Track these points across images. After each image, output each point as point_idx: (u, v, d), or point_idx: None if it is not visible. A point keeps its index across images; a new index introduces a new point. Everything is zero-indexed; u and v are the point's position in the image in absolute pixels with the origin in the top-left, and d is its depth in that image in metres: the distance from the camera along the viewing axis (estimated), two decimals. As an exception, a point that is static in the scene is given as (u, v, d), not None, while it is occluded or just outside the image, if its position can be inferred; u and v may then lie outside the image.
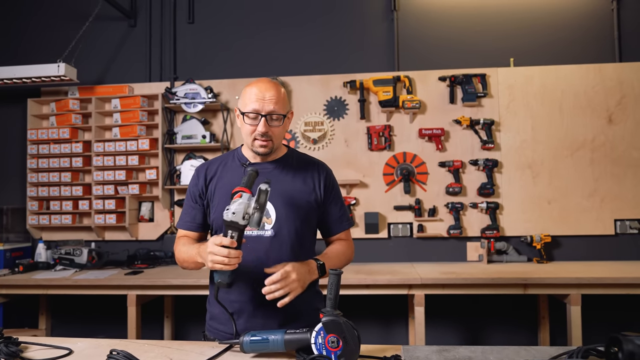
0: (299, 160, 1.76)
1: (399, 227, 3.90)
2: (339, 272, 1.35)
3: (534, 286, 3.15)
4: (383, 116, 3.96)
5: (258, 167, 1.67)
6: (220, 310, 1.65)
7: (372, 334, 3.92)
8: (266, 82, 1.63)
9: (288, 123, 1.70)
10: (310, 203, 1.69)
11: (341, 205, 1.79)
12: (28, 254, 4.16)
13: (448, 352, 1.37)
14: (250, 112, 1.59)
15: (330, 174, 1.78)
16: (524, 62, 3.91)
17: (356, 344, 1.30)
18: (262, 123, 1.58)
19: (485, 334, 3.90)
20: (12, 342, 1.48)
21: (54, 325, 4.23)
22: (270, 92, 1.59)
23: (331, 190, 1.75)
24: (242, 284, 1.61)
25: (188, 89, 3.96)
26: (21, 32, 4.42)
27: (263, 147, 1.63)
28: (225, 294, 1.64)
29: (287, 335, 1.37)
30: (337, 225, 1.78)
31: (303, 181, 1.70)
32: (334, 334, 1.30)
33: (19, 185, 4.25)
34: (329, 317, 1.31)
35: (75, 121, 4.09)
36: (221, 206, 1.63)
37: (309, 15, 4.15)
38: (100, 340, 1.65)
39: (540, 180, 3.82)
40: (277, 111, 1.59)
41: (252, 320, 1.62)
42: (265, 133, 1.60)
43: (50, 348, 1.55)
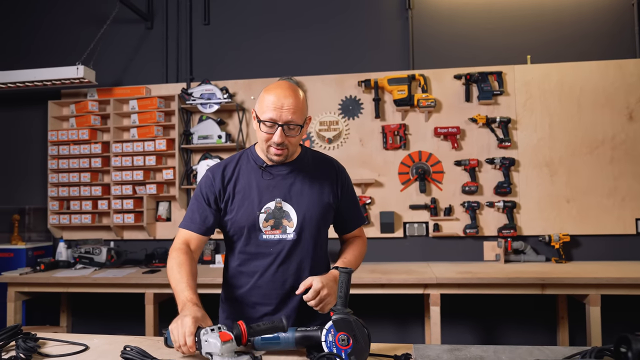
0: (314, 159, 1.74)
1: (415, 227, 3.88)
2: (349, 271, 1.35)
3: (552, 286, 3.10)
4: (398, 115, 3.95)
5: (274, 170, 1.66)
6: (239, 312, 1.67)
7: (388, 333, 3.91)
8: (285, 88, 1.55)
9: (306, 128, 1.62)
10: (329, 204, 1.68)
11: (355, 202, 1.79)
12: (49, 252, 4.25)
13: (460, 351, 1.36)
14: (267, 121, 1.52)
15: (344, 172, 1.77)
16: (541, 59, 3.85)
17: (366, 342, 1.30)
18: (279, 133, 1.52)
19: (502, 334, 3.85)
20: (30, 338, 1.52)
21: (75, 322, 4.31)
22: (288, 100, 1.52)
23: (346, 188, 1.75)
24: (265, 287, 1.63)
25: (204, 90, 4.00)
26: (41, 36, 4.52)
27: (278, 156, 1.58)
28: (248, 296, 1.65)
29: (298, 332, 1.38)
30: (353, 223, 1.79)
31: (320, 182, 1.69)
32: (344, 332, 1.30)
33: (41, 186, 4.35)
34: (339, 315, 1.32)
35: (94, 122, 4.16)
36: (241, 211, 1.62)
37: (324, 15, 4.15)
38: (116, 336, 1.68)
39: (559, 178, 3.76)
40: (294, 121, 1.53)
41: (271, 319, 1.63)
42: (282, 143, 1.54)
43: (67, 344, 1.59)
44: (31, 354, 1.46)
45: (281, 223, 1.62)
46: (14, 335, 1.54)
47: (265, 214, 1.62)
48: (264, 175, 1.65)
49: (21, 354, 1.44)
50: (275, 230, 1.62)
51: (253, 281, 1.65)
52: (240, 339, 1.31)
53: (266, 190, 1.63)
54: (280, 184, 1.64)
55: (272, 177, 1.65)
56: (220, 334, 1.24)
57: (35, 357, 1.46)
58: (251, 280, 1.65)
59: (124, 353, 1.38)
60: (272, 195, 1.63)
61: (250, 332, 1.33)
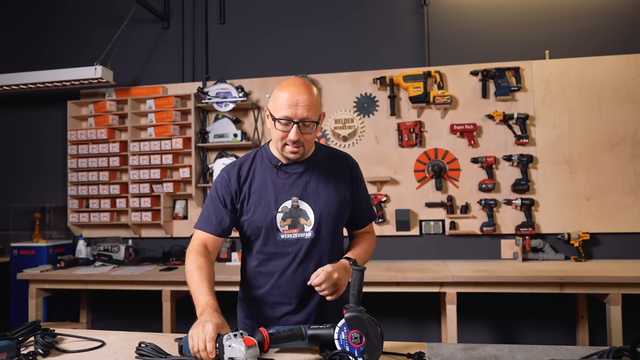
0: (328, 156, 1.73)
1: (431, 224, 3.85)
2: (362, 269, 1.35)
3: (571, 285, 3.05)
4: (414, 112, 3.92)
5: (289, 168, 1.65)
6: (258, 313, 1.68)
7: (404, 331, 3.90)
8: (299, 85, 1.52)
9: (320, 125, 1.61)
10: (345, 200, 1.68)
11: (367, 198, 1.80)
12: (69, 250, 4.33)
13: (474, 350, 1.35)
14: (282, 119, 1.50)
15: (358, 167, 1.77)
16: (560, 54, 3.79)
17: (379, 340, 1.29)
18: (294, 131, 1.50)
19: (521, 333, 3.81)
20: (48, 334, 1.55)
21: (95, 319, 4.39)
22: (303, 97, 1.50)
23: (359, 184, 1.74)
24: (285, 287, 1.63)
25: (219, 89, 4.03)
26: (60, 38, 4.60)
27: (294, 154, 1.56)
28: (268, 295, 1.65)
29: (310, 330, 1.38)
30: (365, 219, 1.79)
31: (336, 179, 1.67)
32: (356, 330, 1.30)
33: (61, 185, 4.43)
34: (352, 313, 1.31)
35: (112, 122, 4.22)
36: (257, 211, 1.60)
37: (339, 12, 4.14)
38: (132, 333, 1.71)
39: (578, 175, 3.70)
40: (309, 118, 1.51)
41: (293, 319, 1.63)
42: (298, 140, 1.52)
43: (84, 340, 1.61)
44: (49, 350, 1.49)
45: (298, 222, 1.61)
46: (33, 330, 1.57)
47: (283, 213, 1.60)
48: (280, 174, 1.64)
49: (39, 349, 1.47)
50: (293, 229, 1.61)
51: (273, 281, 1.64)
52: (262, 345, 1.32)
53: (282, 189, 1.62)
54: (296, 183, 1.63)
55: (288, 176, 1.64)
56: (244, 340, 1.24)
57: (53, 353, 1.49)
58: (271, 280, 1.64)
59: (138, 349, 1.40)
60: (288, 194, 1.62)
61: (272, 339, 1.34)
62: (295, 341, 1.37)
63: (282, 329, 1.37)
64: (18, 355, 1.40)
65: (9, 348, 1.37)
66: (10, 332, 1.53)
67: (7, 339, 1.43)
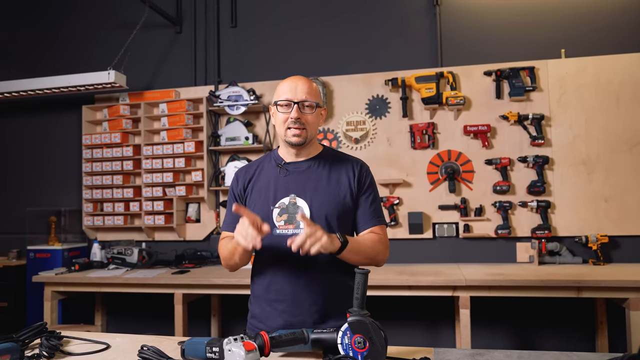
0: (335, 157, 1.74)
1: (444, 227, 3.79)
2: (365, 272, 1.32)
3: (589, 289, 2.97)
4: (426, 113, 3.87)
5: (293, 166, 1.68)
6: (259, 310, 1.67)
7: (417, 336, 3.84)
8: (298, 76, 1.67)
9: (322, 118, 1.70)
10: (345, 201, 1.65)
11: (373, 201, 1.71)
12: (84, 253, 4.37)
13: (482, 355, 1.31)
14: (283, 101, 1.62)
15: (365, 169, 1.73)
16: (576, 53, 3.71)
17: (383, 345, 1.26)
18: (295, 109, 1.60)
19: (537, 339, 3.72)
20: (54, 336, 1.55)
21: (109, 321, 4.42)
22: (301, 82, 1.64)
23: (364, 184, 1.70)
24: (280, 283, 1.62)
25: (231, 92, 4.04)
26: (74, 43, 4.67)
27: (297, 137, 1.62)
28: (264, 292, 1.66)
29: (313, 334, 1.36)
30: (366, 221, 1.69)
31: (338, 179, 1.67)
32: (360, 334, 1.27)
33: (76, 188, 4.48)
34: (356, 317, 1.29)
35: (126, 126, 4.26)
36: (257, 206, 1.65)
37: (350, 14, 4.12)
38: (137, 336, 1.70)
39: (596, 177, 3.60)
40: (309, 99, 1.62)
41: (290, 318, 1.61)
42: (298, 119, 1.60)
43: (90, 342, 1.61)
44: (54, 352, 1.49)
45: (294, 218, 1.61)
46: (39, 333, 1.57)
47: (279, 209, 1.63)
48: (281, 172, 1.69)
49: (44, 352, 1.47)
50: (289, 225, 1.61)
51: (270, 277, 1.65)
52: (263, 350, 1.29)
53: (282, 186, 1.66)
54: (296, 180, 1.66)
55: (289, 174, 1.68)
56: (244, 344, 1.22)
57: (58, 355, 1.49)
58: (268, 276, 1.66)
59: (141, 352, 1.39)
60: (287, 190, 1.65)
61: (273, 342, 1.32)
62: (297, 345, 1.35)
63: (284, 333, 1.35)
64: (22, 358, 1.40)
65: (12, 350, 1.37)
66: (16, 334, 1.54)
67: (11, 341, 1.43)
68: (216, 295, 4.08)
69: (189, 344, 1.36)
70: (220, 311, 4.18)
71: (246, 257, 1.63)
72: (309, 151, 1.70)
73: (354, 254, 1.55)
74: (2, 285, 4.17)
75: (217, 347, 1.28)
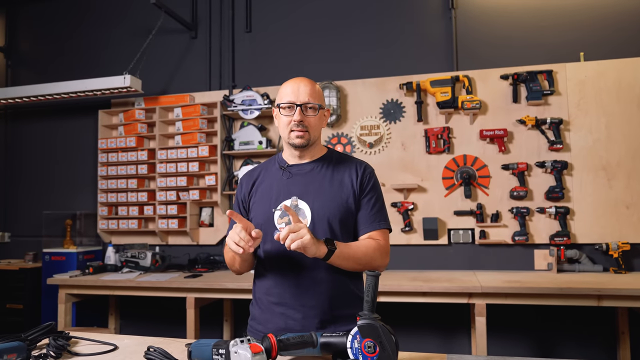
0: (339, 160, 1.71)
1: (460, 233, 3.73)
2: (376, 274, 1.27)
3: (610, 298, 2.88)
4: (441, 118, 3.82)
5: (296, 168, 1.67)
6: (259, 312, 1.66)
7: (431, 344, 3.77)
8: (300, 78, 1.66)
9: (324, 119, 1.69)
10: (348, 203, 1.62)
11: (374, 203, 1.65)
12: (99, 256, 4.39)
13: (497, 363, 1.26)
14: (285, 103, 1.61)
15: (369, 171, 1.69)
16: (595, 56, 3.63)
17: (393, 350, 1.21)
18: (298, 112, 1.59)
19: (555, 348, 3.62)
20: (62, 337, 1.54)
21: (122, 325, 4.43)
22: (303, 84, 1.62)
23: (366, 186, 1.65)
24: (280, 286, 1.61)
25: (245, 96, 4.04)
26: (90, 48, 4.74)
27: (300, 138, 1.61)
28: (264, 295, 1.64)
29: (322, 338, 1.32)
30: (365, 225, 1.63)
31: (340, 181, 1.64)
32: (370, 338, 1.23)
33: (91, 192, 4.52)
34: (366, 320, 1.24)
35: (141, 130, 4.29)
36: (259, 209, 1.65)
37: (364, 18, 4.10)
38: (146, 337, 1.68)
39: (617, 182, 3.51)
40: (312, 101, 1.60)
41: (291, 321, 1.58)
42: (301, 122, 1.59)
43: (98, 343, 1.60)
44: (61, 352, 1.47)
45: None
46: (47, 333, 1.56)
47: (281, 212, 1.61)
48: (284, 175, 1.67)
49: (51, 352, 1.46)
50: None
51: (271, 280, 1.63)
52: (270, 353, 1.26)
53: (284, 189, 1.64)
54: (298, 182, 1.64)
55: (291, 176, 1.66)
56: (250, 346, 1.19)
57: (65, 355, 1.48)
58: (269, 279, 1.64)
59: (147, 354, 1.37)
60: (289, 193, 1.63)
61: (281, 345, 1.28)
62: (305, 348, 1.31)
63: (292, 336, 1.32)
64: (29, 357, 1.39)
65: (19, 349, 1.36)
66: (24, 333, 1.53)
67: (18, 340, 1.42)
68: (228, 299, 4.06)
69: (195, 346, 1.34)
70: (233, 316, 4.16)
71: (245, 264, 1.64)
72: (312, 153, 1.68)
73: (343, 259, 1.51)
74: (18, 287, 4.22)
75: (223, 349, 1.25)
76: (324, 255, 1.46)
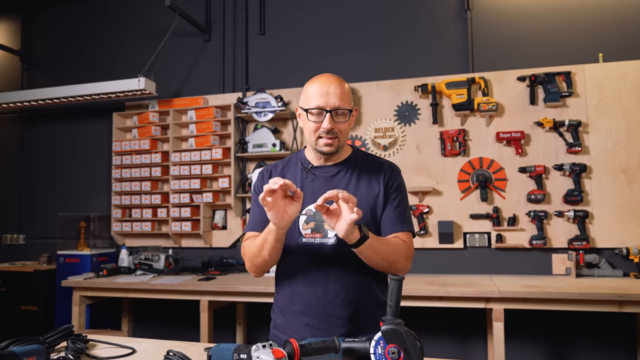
0: (365, 161, 1.64)
1: (476, 237, 3.67)
2: (400, 278, 1.24)
3: (632, 303, 2.81)
4: (457, 120, 3.78)
5: (321, 171, 1.60)
6: (283, 321, 1.60)
7: (447, 350, 3.71)
8: (328, 76, 1.53)
9: (353, 120, 1.57)
10: (375, 207, 1.57)
11: (399, 204, 1.58)
12: (112, 259, 4.40)
13: (526, 370, 1.21)
14: (314, 109, 1.49)
15: (395, 173, 1.62)
16: (614, 57, 3.56)
17: (419, 356, 1.18)
18: (327, 119, 1.48)
19: (575, 355, 3.55)
20: (80, 340, 1.52)
21: (135, 328, 4.43)
22: (334, 86, 1.50)
23: (390, 188, 1.59)
24: (305, 294, 1.53)
25: (258, 99, 4.03)
26: (105, 51, 4.76)
27: (328, 146, 1.52)
28: (289, 304, 1.57)
29: (344, 343, 1.29)
30: (390, 224, 1.55)
31: (368, 184, 1.58)
32: (394, 344, 1.20)
33: (105, 194, 4.53)
34: (390, 325, 1.21)
35: (155, 133, 4.29)
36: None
37: (378, 20, 4.07)
38: (163, 341, 1.66)
39: (637, 186, 3.44)
40: (342, 106, 1.49)
41: (316, 332, 1.51)
42: (331, 130, 1.49)
43: (116, 347, 1.58)
44: (79, 355, 1.46)
45: (322, 227, 1.52)
46: (65, 336, 1.56)
47: (306, 216, 1.54)
48: (308, 177, 1.59)
49: (70, 355, 1.45)
50: (316, 234, 1.52)
51: (294, 288, 1.56)
52: (293, 358, 1.23)
53: (309, 192, 1.55)
54: (324, 186, 1.54)
55: (316, 179, 1.59)
56: (273, 351, 1.17)
57: (84, 359, 1.47)
58: (292, 287, 1.56)
59: (166, 358, 1.35)
60: (314, 197, 1.50)
61: (303, 351, 1.25)
62: (328, 354, 1.28)
63: (314, 341, 1.29)
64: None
65: (38, 352, 1.35)
66: (42, 336, 1.52)
67: (37, 343, 1.41)
68: (241, 303, 4.04)
69: (215, 350, 1.31)
70: (246, 319, 4.14)
71: (276, 250, 1.47)
72: (338, 155, 1.60)
73: (372, 251, 1.42)
74: (32, 289, 4.23)
75: (245, 354, 1.23)
76: (356, 240, 1.37)
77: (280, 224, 1.38)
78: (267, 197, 1.32)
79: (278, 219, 1.37)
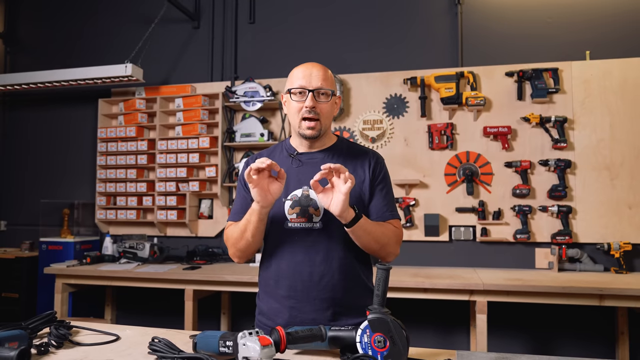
0: (350, 149, 1.67)
1: (461, 230, 3.71)
2: (387, 267, 1.25)
3: (612, 297, 2.87)
4: (445, 114, 3.79)
5: (306, 157, 1.62)
6: (267, 306, 1.61)
7: (430, 340, 3.75)
8: (312, 63, 1.61)
9: (336, 107, 1.64)
10: (360, 194, 1.59)
11: (386, 195, 1.63)
12: (96, 247, 4.35)
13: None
14: (297, 88, 1.54)
15: (380, 162, 1.66)
16: (601, 55, 3.61)
17: (404, 345, 1.19)
18: (310, 97, 1.52)
19: (555, 347, 3.61)
20: (63, 326, 1.51)
21: (119, 316, 4.40)
22: (316, 69, 1.57)
23: (377, 177, 1.62)
24: (290, 278, 1.56)
25: (247, 88, 4.00)
26: (92, 36, 4.67)
27: (311, 129, 1.55)
28: (274, 288, 1.59)
29: (331, 332, 1.30)
30: (380, 213, 1.59)
31: (353, 170, 1.59)
32: (380, 333, 1.20)
33: (90, 181, 4.47)
34: (376, 314, 1.22)
35: (142, 120, 4.24)
36: None
37: (369, 12, 4.06)
38: (147, 328, 1.65)
39: (620, 182, 3.50)
40: (324, 87, 1.54)
41: (300, 315, 1.55)
42: (313, 108, 1.52)
43: (100, 333, 1.57)
44: (62, 341, 1.44)
45: (307, 211, 1.54)
46: (48, 322, 1.53)
47: (291, 202, 1.56)
48: (294, 163, 1.62)
49: (53, 341, 1.43)
50: (301, 219, 1.55)
51: (280, 272, 1.58)
52: (279, 345, 1.24)
53: (295, 178, 1.58)
54: (309, 172, 1.55)
55: (302, 165, 1.61)
56: (259, 338, 1.17)
57: (67, 345, 1.45)
58: (278, 271, 1.58)
59: (151, 344, 1.34)
60: (299, 182, 1.57)
61: (289, 339, 1.26)
62: (314, 342, 1.29)
63: (300, 329, 1.29)
64: (30, 346, 1.35)
65: (20, 337, 1.33)
66: (25, 322, 1.50)
67: (19, 328, 1.39)
68: (226, 293, 4.04)
69: (201, 338, 1.31)
70: (230, 309, 4.13)
71: (259, 230, 1.50)
72: (323, 142, 1.63)
73: (364, 231, 1.47)
74: (14, 276, 4.17)
75: (230, 341, 1.22)
76: (350, 219, 1.43)
77: (264, 202, 1.43)
78: (253, 175, 1.38)
79: (262, 196, 1.42)
